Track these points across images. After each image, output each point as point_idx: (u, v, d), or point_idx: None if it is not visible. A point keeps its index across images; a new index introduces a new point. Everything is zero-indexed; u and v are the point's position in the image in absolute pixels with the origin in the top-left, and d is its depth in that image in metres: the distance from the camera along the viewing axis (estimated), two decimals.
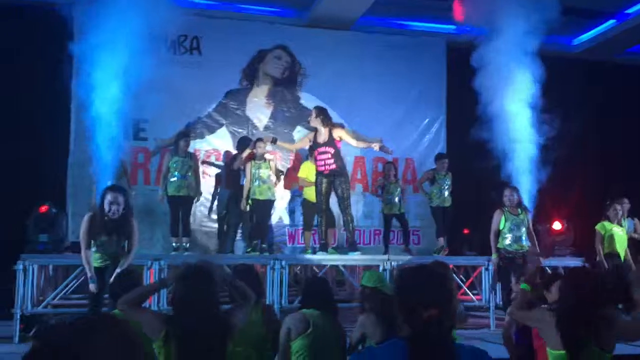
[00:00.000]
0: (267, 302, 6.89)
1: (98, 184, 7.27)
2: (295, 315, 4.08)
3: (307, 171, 9.00)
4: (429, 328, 2.02)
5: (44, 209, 8.25)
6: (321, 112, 8.11)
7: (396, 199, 9.36)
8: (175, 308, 3.19)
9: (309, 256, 8.69)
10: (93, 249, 6.08)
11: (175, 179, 8.49)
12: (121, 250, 6.16)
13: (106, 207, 5.91)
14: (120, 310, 3.33)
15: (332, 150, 7.96)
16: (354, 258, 8.20)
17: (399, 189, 9.49)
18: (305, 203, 9.15)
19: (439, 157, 9.55)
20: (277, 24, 10.54)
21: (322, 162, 7.96)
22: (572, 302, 3.16)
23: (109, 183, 7.00)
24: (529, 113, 8.63)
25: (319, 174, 8.00)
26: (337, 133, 8.13)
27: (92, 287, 6.06)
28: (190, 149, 9.05)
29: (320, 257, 8.40)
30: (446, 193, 9.32)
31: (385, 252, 9.08)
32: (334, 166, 7.94)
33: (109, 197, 5.92)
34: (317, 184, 8.04)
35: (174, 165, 8.48)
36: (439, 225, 9.39)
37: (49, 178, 9.28)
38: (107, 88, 8.59)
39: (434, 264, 2.78)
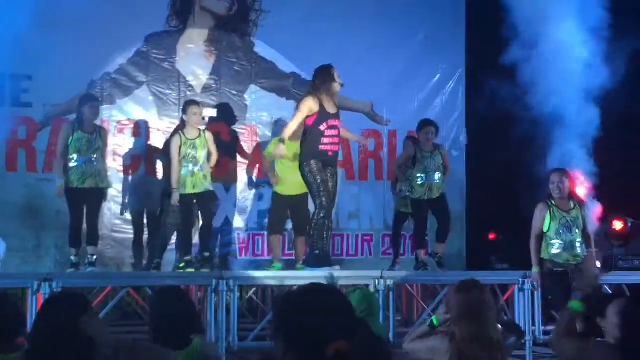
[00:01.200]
0: (208, 340, 6.82)
1: None
2: None
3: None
4: None
5: None
6: None
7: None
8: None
9: (266, 273, 8.58)
10: None
11: (76, 163, 8.28)
12: None
13: None
14: None
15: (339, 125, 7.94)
16: (335, 275, 7.89)
17: None
18: (276, 197, 9.09)
19: (421, 126, 9.22)
20: None
21: (329, 141, 7.89)
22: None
23: None
24: (590, 59, 8.54)
25: (321, 154, 7.84)
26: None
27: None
28: (97, 120, 8.80)
29: (284, 275, 8.32)
30: (436, 177, 9.06)
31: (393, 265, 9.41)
32: (337, 147, 7.99)
33: None
34: (318, 171, 7.87)
35: (76, 144, 8.29)
36: (418, 229, 9.23)
37: None
38: None
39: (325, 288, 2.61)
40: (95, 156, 8.43)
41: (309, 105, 7.87)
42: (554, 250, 7.52)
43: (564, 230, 7.51)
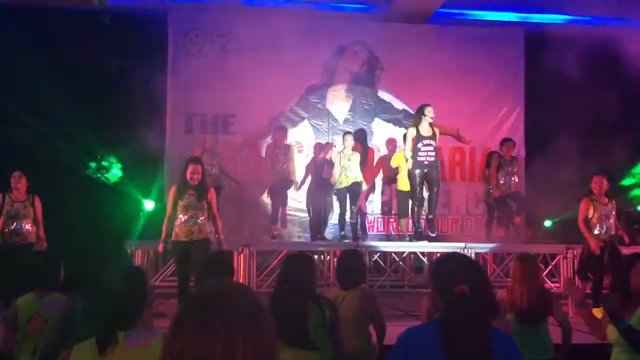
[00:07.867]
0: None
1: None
2: None
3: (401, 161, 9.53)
4: (461, 304, 2.19)
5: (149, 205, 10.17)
6: None
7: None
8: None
9: (385, 244, 9.67)
10: (181, 216, 6.72)
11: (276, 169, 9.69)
12: (204, 218, 6.74)
13: (188, 176, 6.67)
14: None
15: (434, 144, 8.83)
16: (432, 245, 8.81)
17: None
18: (399, 193, 9.66)
19: (504, 141, 9.68)
20: (354, 20, 11.27)
21: (424, 154, 8.57)
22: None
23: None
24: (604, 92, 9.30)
25: (419, 163, 8.52)
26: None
27: (160, 247, 7.01)
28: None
29: (399, 245, 9.30)
30: (512, 179, 9.49)
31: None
32: (433, 159, 8.69)
33: (190, 168, 6.70)
34: (415, 175, 8.55)
35: (276, 157, 9.55)
36: (503, 216, 9.66)
37: (149, 175, 10.65)
38: (199, 87, 10.41)
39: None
40: (287, 165, 9.77)
41: (410, 132, 8.86)
42: (596, 232, 7.77)
43: (604, 217, 7.72)
